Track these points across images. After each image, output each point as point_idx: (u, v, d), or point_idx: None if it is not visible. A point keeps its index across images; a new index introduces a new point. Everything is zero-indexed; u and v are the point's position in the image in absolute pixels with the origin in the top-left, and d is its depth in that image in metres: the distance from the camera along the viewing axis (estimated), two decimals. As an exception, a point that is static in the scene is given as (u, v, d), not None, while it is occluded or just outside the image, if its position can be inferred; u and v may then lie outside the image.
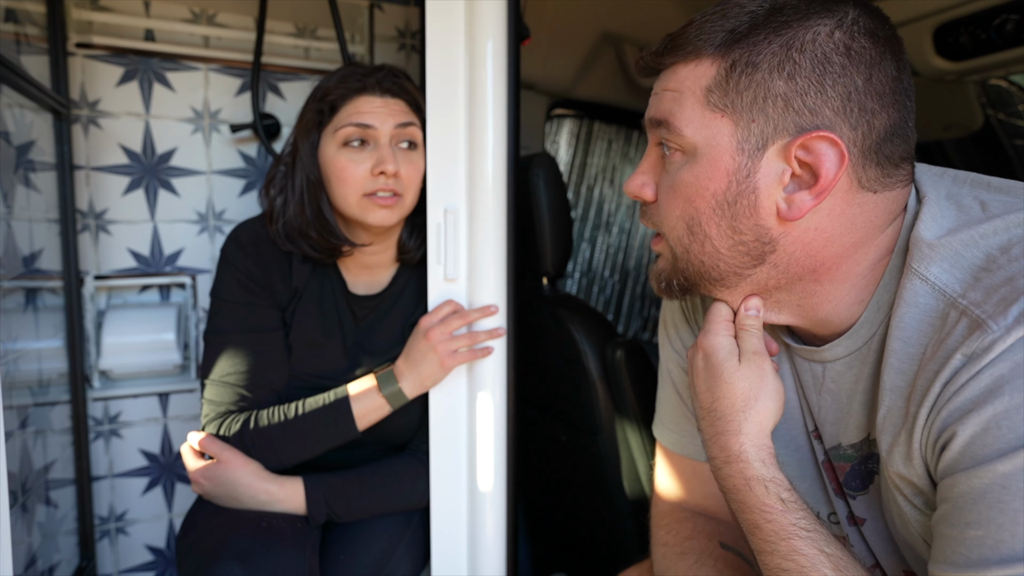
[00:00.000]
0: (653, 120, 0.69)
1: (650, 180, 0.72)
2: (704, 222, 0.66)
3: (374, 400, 1.12)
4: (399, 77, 1.16)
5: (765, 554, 0.64)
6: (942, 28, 1.62)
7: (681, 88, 0.66)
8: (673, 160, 0.68)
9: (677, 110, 0.66)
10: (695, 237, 0.68)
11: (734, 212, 0.65)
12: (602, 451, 1.34)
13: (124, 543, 1.72)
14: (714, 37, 0.64)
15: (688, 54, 0.65)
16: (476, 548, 1.14)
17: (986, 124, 2.03)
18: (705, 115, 0.64)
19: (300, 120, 1.18)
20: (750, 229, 0.65)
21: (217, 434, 1.11)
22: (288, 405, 1.12)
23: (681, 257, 0.70)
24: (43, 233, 1.40)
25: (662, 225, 0.71)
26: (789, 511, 0.64)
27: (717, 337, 0.72)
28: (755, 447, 0.67)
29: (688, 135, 0.65)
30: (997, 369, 0.53)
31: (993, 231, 0.60)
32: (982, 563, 0.52)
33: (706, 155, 0.65)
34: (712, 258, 0.68)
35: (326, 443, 1.12)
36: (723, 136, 0.64)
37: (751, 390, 0.69)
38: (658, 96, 0.69)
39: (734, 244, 0.66)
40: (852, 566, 0.61)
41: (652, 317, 2.99)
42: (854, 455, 0.71)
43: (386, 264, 1.25)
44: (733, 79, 0.63)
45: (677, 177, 0.67)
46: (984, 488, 0.52)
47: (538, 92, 2.20)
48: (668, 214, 0.69)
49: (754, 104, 0.62)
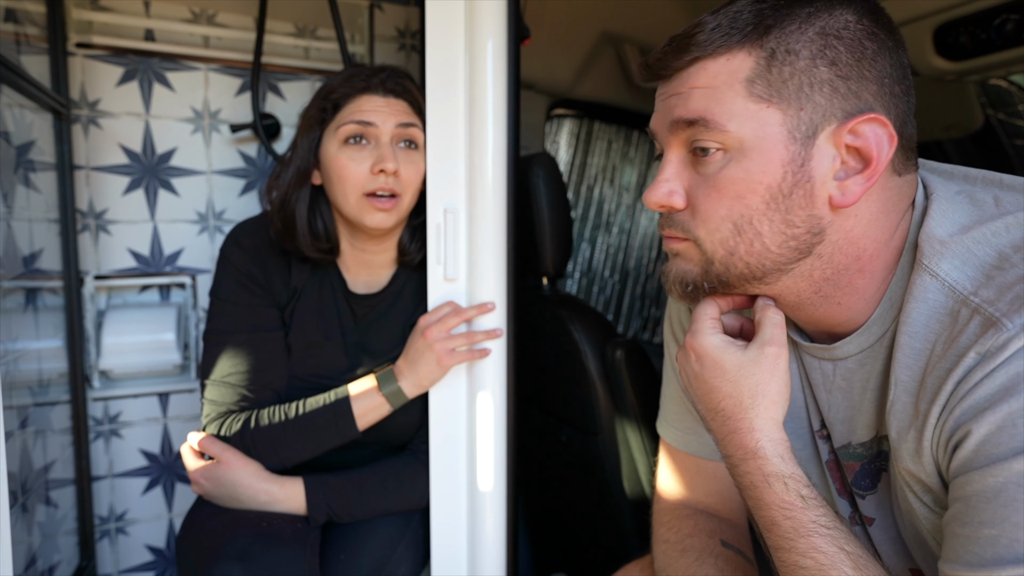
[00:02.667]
0: (682, 121, 0.65)
1: (677, 187, 0.68)
2: (755, 219, 0.64)
3: (374, 399, 1.12)
4: (403, 78, 1.17)
5: (783, 551, 0.63)
6: (942, 28, 1.62)
7: (714, 83, 0.63)
8: (712, 160, 0.65)
9: (715, 106, 0.63)
10: (743, 236, 0.65)
11: (788, 204, 0.63)
12: (602, 451, 1.34)
13: (124, 543, 1.72)
14: (742, 28, 0.62)
15: (717, 48, 0.63)
16: (476, 548, 1.14)
17: (986, 124, 2.03)
18: (749, 107, 0.62)
19: (303, 117, 1.18)
20: (803, 221, 0.64)
21: (218, 434, 1.11)
22: (288, 405, 1.12)
23: (721, 260, 0.67)
24: (43, 233, 1.40)
25: (698, 229, 0.67)
26: (809, 508, 0.63)
27: (706, 337, 0.71)
28: (771, 442, 0.66)
29: (733, 129, 0.63)
30: (1013, 367, 0.53)
31: (1005, 228, 0.60)
32: (996, 562, 0.52)
33: (756, 148, 0.62)
34: (760, 256, 0.65)
35: (327, 443, 1.11)
36: (773, 126, 0.62)
37: (759, 383, 0.68)
38: (683, 96, 0.66)
39: (785, 239, 0.64)
40: (872, 565, 0.60)
41: (652, 317, 2.99)
42: (864, 454, 0.71)
43: (386, 264, 1.25)
44: (776, 67, 0.61)
45: (721, 176, 0.64)
46: (999, 487, 0.52)
47: (538, 92, 2.20)
48: (709, 216, 0.66)
49: (800, 91, 0.61)
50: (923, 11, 1.59)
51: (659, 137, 0.70)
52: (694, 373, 0.73)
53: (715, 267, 0.67)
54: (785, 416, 0.69)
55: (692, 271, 0.70)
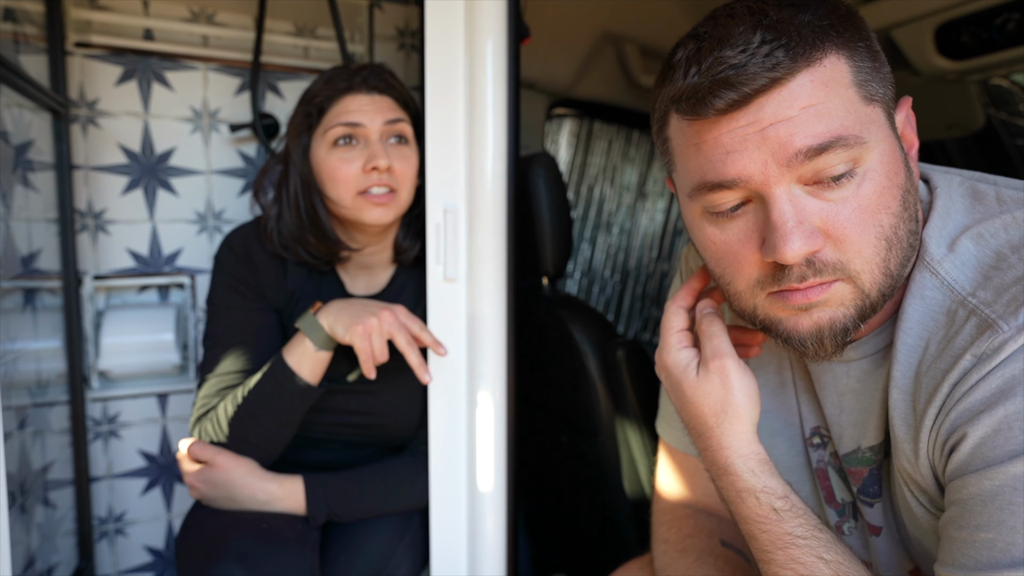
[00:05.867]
0: (812, 149, 0.55)
1: (813, 226, 0.57)
2: (898, 226, 0.58)
3: (300, 343, 1.08)
4: (385, 74, 1.16)
5: (764, 563, 0.64)
6: (944, 27, 1.62)
7: (828, 96, 0.56)
8: (847, 181, 0.57)
9: (845, 118, 0.56)
10: (893, 250, 0.58)
11: (910, 200, 0.60)
12: (602, 451, 1.34)
13: (123, 544, 1.72)
14: (816, 28, 0.57)
15: (810, 57, 0.56)
16: (476, 548, 1.14)
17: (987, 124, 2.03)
18: (865, 111, 0.58)
19: (290, 125, 1.18)
20: (915, 211, 0.61)
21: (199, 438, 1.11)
22: (235, 390, 1.10)
23: (879, 286, 0.59)
24: (42, 233, 1.39)
25: (853, 263, 0.58)
26: (783, 520, 0.63)
27: (671, 353, 0.70)
28: (741, 458, 0.66)
29: (869, 139, 0.57)
30: (1008, 370, 0.52)
31: (1004, 227, 0.59)
32: (992, 566, 0.51)
33: (883, 151, 0.58)
34: (902, 265, 0.60)
35: (286, 409, 1.08)
36: (884, 125, 0.59)
37: (717, 401, 0.66)
38: (794, 121, 0.56)
39: (909, 235, 0.60)
40: (853, 567, 0.60)
41: (652, 317, 2.99)
42: (872, 458, 0.70)
43: (384, 264, 1.24)
44: (864, 60, 0.59)
45: (864, 194, 0.57)
46: (995, 490, 0.52)
47: (538, 92, 2.19)
48: (864, 244, 0.57)
49: (882, 83, 0.60)
50: (925, 10, 1.59)
51: (755, 180, 0.58)
52: (668, 388, 0.72)
53: (871, 298, 0.59)
54: (758, 422, 0.68)
55: (846, 315, 0.60)
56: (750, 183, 0.58)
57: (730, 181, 0.58)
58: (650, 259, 2.94)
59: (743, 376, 0.67)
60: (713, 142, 0.59)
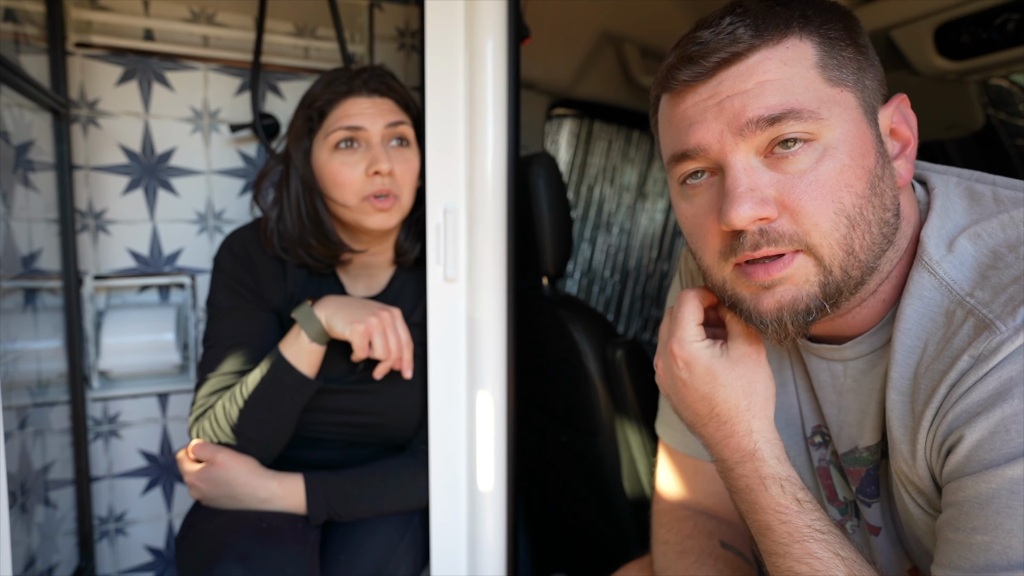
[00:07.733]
0: (763, 119, 0.58)
1: (766, 195, 0.59)
2: (864, 207, 0.59)
3: (298, 338, 1.10)
4: (385, 76, 1.16)
5: (777, 556, 0.63)
6: (943, 27, 1.61)
7: (787, 73, 0.59)
8: (801, 154, 0.59)
9: (801, 95, 0.58)
10: (856, 230, 0.59)
11: (882, 187, 0.61)
12: (602, 451, 1.34)
13: (123, 544, 1.72)
14: (786, 15, 0.60)
15: (772, 35, 0.59)
16: (476, 548, 1.14)
17: (987, 124, 2.03)
18: (829, 92, 0.59)
19: (290, 129, 1.17)
20: (891, 202, 0.62)
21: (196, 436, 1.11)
22: (233, 388, 1.11)
23: (841, 264, 0.60)
24: (42, 233, 1.39)
25: (810, 235, 0.59)
26: (805, 512, 0.62)
27: (693, 345, 0.69)
28: (768, 443, 0.65)
29: (826, 116, 0.59)
30: (1005, 371, 0.52)
31: (1001, 227, 0.59)
32: (988, 569, 0.51)
33: (848, 132, 0.59)
34: (870, 251, 0.60)
35: (285, 403, 1.10)
36: (853, 109, 0.60)
37: (748, 384, 0.67)
38: (750, 93, 0.59)
39: (882, 224, 0.61)
40: (867, 569, 0.60)
41: (652, 317, 2.99)
42: (869, 458, 0.70)
43: (384, 265, 1.24)
44: (837, 49, 0.60)
45: (822, 169, 0.58)
46: (991, 493, 0.52)
47: (538, 92, 2.19)
48: (821, 215, 0.59)
49: (859, 73, 0.61)
50: (924, 11, 1.59)
51: (713, 149, 0.61)
52: (682, 381, 0.70)
53: (835, 275, 0.60)
54: (775, 413, 0.69)
55: (807, 292, 0.61)
56: (709, 152, 0.62)
57: (691, 150, 0.62)
58: (650, 259, 2.94)
59: (767, 363, 0.68)
60: (680, 115, 0.63)
